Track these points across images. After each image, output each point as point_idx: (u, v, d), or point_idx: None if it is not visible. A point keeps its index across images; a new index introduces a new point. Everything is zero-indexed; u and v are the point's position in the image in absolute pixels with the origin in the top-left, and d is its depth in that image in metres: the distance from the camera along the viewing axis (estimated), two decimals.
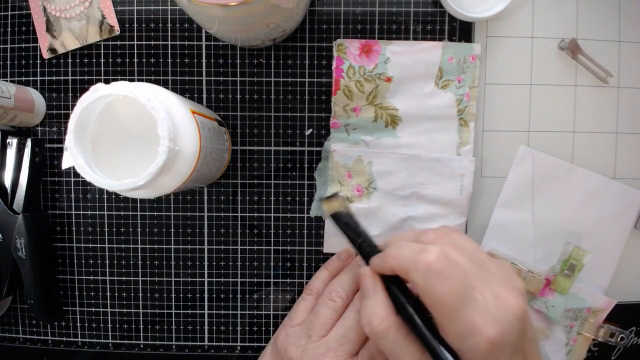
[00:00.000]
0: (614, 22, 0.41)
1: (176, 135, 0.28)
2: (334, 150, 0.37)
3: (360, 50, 0.36)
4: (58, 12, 0.41)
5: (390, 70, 0.37)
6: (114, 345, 0.43)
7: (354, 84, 0.36)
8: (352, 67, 0.36)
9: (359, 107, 0.37)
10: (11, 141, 0.40)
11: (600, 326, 0.41)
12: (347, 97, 0.36)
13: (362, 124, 0.37)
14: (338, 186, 0.36)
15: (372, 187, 0.37)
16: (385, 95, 0.37)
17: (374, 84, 0.36)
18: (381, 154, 0.37)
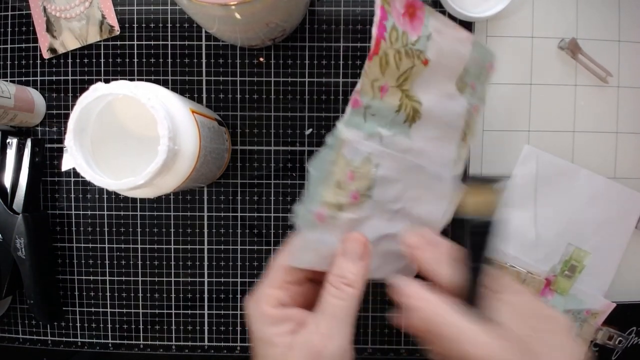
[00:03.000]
0: (614, 22, 0.41)
1: (176, 135, 0.28)
2: (346, 140, 0.26)
3: (405, 10, 0.27)
4: (58, 12, 0.41)
5: (430, 50, 0.28)
6: (114, 345, 0.43)
7: (393, 54, 0.26)
8: (396, 30, 0.26)
9: (387, 87, 0.27)
10: (11, 141, 0.40)
11: (599, 328, 0.41)
12: (381, 68, 0.26)
13: (383, 111, 0.28)
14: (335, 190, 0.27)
15: (368, 195, 0.28)
16: (416, 82, 0.29)
17: (411, 61, 0.27)
18: (392, 156, 0.29)
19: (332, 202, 0.26)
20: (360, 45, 0.41)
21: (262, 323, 0.25)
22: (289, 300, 0.26)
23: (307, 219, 0.26)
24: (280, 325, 0.25)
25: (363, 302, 0.42)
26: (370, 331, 0.43)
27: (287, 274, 0.26)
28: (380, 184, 0.29)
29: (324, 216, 0.26)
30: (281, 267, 0.26)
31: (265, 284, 0.26)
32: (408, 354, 0.43)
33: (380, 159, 0.29)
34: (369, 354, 0.43)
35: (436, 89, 0.30)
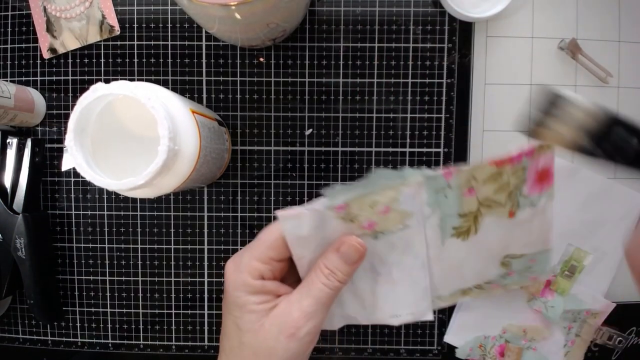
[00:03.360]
0: (614, 22, 0.41)
1: (176, 135, 0.28)
2: (414, 186, 0.27)
3: (540, 170, 0.27)
4: (58, 12, 0.41)
5: (523, 213, 0.28)
6: (114, 345, 0.43)
7: (503, 182, 0.27)
8: (523, 172, 0.26)
9: (474, 194, 0.27)
10: (11, 141, 0.40)
11: (599, 328, 0.41)
12: (486, 179, 0.27)
13: (452, 205, 0.28)
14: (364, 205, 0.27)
15: (375, 235, 0.29)
16: (491, 218, 0.29)
17: (504, 201, 0.27)
18: (420, 235, 0.29)
19: (353, 209, 0.27)
20: (360, 45, 0.41)
21: (241, 291, 0.27)
22: (269, 274, 0.28)
23: (332, 199, 0.27)
24: (258, 295, 0.27)
25: None
26: (370, 331, 0.43)
27: (274, 250, 0.27)
28: (390, 241, 0.29)
29: (340, 212, 0.27)
30: (270, 243, 0.27)
31: (251, 255, 0.27)
32: (408, 354, 0.43)
33: (413, 226, 0.29)
34: (369, 354, 0.43)
35: (493, 241, 0.30)
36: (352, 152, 0.42)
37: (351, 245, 0.27)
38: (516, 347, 0.42)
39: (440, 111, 0.41)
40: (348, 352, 0.43)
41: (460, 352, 0.42)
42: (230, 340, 0.28)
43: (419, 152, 0.42)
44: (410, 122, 0.42)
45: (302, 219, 0.27)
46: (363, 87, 0.41)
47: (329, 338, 0.43)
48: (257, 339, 0.27)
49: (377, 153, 0.42)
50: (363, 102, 0.41)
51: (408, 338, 0.43)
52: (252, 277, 0.27)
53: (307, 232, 0.27)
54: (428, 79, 0.41)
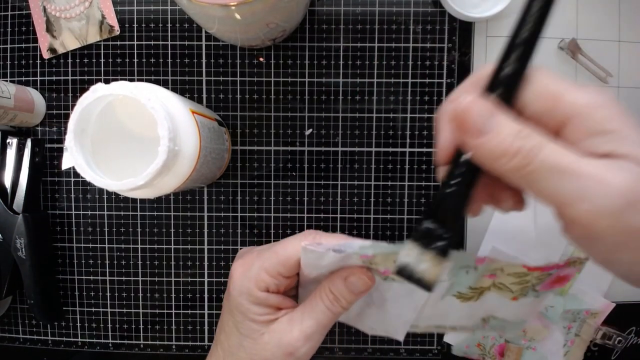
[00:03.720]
0: (614, 22, 0.41)
1: (176, 135, 0.28)
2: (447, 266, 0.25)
3: (561, 275, 0.28)
4: (58, 12, 0.41)
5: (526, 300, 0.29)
6: (114, 345, 0.43)
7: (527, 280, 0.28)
8: (548, 275, 0.27)
9: (494, 278, 0.28)
10: (11, 141, 0.40)
11: (599, 328, 0.41)
12: (513, 275, 0.27)
13: (468, 281, 0.28)
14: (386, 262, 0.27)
15: (392, 280, 0.29)
16: (491, 295, 0.30)
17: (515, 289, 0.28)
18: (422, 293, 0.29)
19: (377, 260, 0.27)
20: (360, 45, 0.41)
21: (245, 298, 0.28)
22: (274, 287, 0.28)
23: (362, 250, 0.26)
24: (260, 307, 0.28)
25: None
26: None
27: (285, 267, 0.27)
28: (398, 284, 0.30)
29: (366, 259, 0.27)
30: (283, 260, 0.27)
31: (261, 266, 0.28)
32: (408, 353, 0.43)
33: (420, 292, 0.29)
34: (369, 353, 0.43)
35: (485, 309, 0.31)
36: (352, 152, 0.42)
37: (360, 278, 0.27)
38: (516, 347, 0.42)
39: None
40: (348, 352, 0.43)
41: (456, 350, 0.42)
42: (229, 339, 0.29)
43: (419, 152, 0.42)
44: (410, 122, 0.42)
45: (323, 258, 0.27)
46: (363, 87, 0.41)
47: (329, 338, 0.43)
48: (255, 347, 0.27)
49: (377, 153, 0.42)
50: (363, 102, 0.41)
51: (408, 338, 0.43)
52: (258, 288, 0.27)
53: (326, 266, 0.27)
54: (428, 78, 0.41)
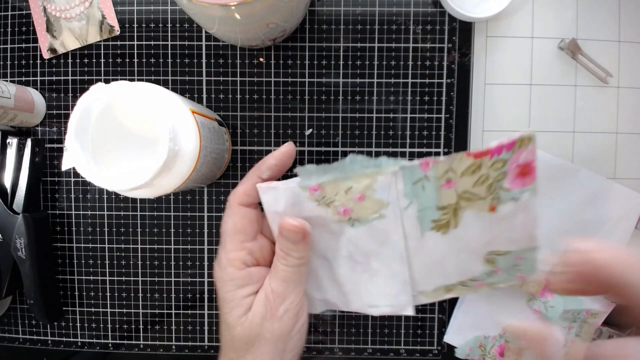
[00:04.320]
0: (614, 22, 0.41)
1: (176, 135, 0.28)
2: (390, 175, 0.27)
3: (522, 164, 0.26)
4: (58, 12, 0.41)
5: (504, 208, 0.27)
6: (114, 345, 0.43)
7: (482, 174, 0.26)
8: (503, 164, 0.26)
9: (452, 186, 0.27)
10: (11, 141, 0.40)
11: (599, 328, 0.41)
12: (465, 170, 0.26)
13: (430, 197, 0.28)
14: (339, 190, 0.27)
15: (351, 223, 0.29)
16: (471, 212, 0.28)
17: (484, 194, 0.27)
18: (397, 227, 0.29)
19: (328, 194, 0.27)
20: (360, 45, 0.41)
21: (230, 285, 0.28)
22: (249, 258, 0.29)
23: (305, 179, 0.27)
24: (245, 287, 0.29)
25: None
26: (370, 331, 0.43)
27: (238, 234, 0.29)
28: (367, 230, 0.29)
29: (315, 193, 0.27)
30: (230, 230, 0.29)
31: (224, 250, 0.29)
32: (408, 354, 0.43)
33: (389, 216, 0.29)
34: (369, 354, 0.43)
35: (474, 236, 0.29)
36: (352, 152, 0.42)
37: (287, 229, 0.28)
38: (516, 347, 0.42)
39: (440, 111, 0.41)
40: (348, 352, 0.43)
41: (460, 352, 0.42)
42: (224, 335, 0.30)
43: (419, 152, 0.42)
44: (410, 122, 0.42)
45: (277, 192, 0.28)
46: (363, 87, 0.41)
47: (329, 338, 0.43)
48: (244, 331, 0.28)
49: (377, 153, 0.42)
50: (363, 102, 0.41)
51: (408, 338, 0.43)
52: (236, 268, 0.28)
53: (283, 209, 0.28)
54: (428, 79, 0.41)
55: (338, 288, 0.32)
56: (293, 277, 0.29)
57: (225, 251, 0.29)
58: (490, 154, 0.26)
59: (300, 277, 0.29)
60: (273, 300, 0.28)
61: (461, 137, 0.42)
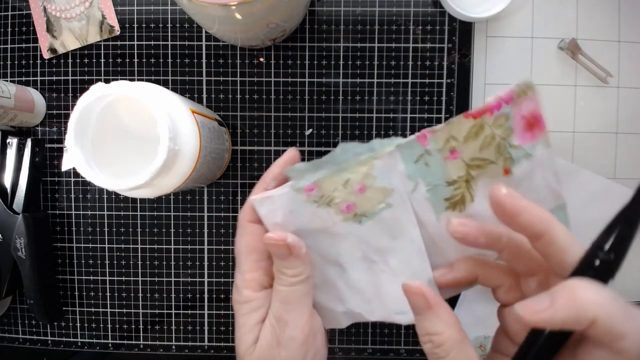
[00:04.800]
0: (614, 22, 0.41)
1: (176, 135, 0.28)
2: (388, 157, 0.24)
3: (527, 115, 0.24)
4: (58, 12, 0.41)
5: (519, 168, 0.24)
6: (114, 345, 0.43)
7: (488, 133, 0.24)
8: (507, 119, 0.23)
9: (458, 156, 0.24)
10: (11, 141, 0.40)
11: None
12: (467, 134, 0.24)
13: (437, 173, 0.25)
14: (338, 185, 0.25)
15: (358, 220, 0.26)
16: (484, 181, 0.25)
17: (495, 157, 0.24)
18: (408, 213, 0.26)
19: (326, 191, 0.25)
20: (360, 45, 0.41)
21: (245, 309, 0.26)
22: (266, 279, 0.27)
23: (298, 181, 0.24)
24: (260, 309, 0.26)
25: None
26: (370, 331, 0.43)
27: (251, 254, 0.26)
28: (377, 224, 0.26)
29: (311, 193, 0.25)
30: (243, 251, 0.26)
31: (239, 273, 0.27)
32: (408, 354, 0.43)
33: (397, 204, 0.26)
34: (369, 354, 0.43)
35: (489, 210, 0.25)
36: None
37: (268, 244, 0.25)
38: None
39: (440, 111, 0.41)
40: (348, 352, 0.43)
41: None
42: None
43: None
44: (410, 122, 0.42)
45: (273, 201, 0.25)
46: (363, 87, 0.41)
47: (329, 338, 0.43)
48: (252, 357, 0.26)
49: None
50: (363, 102, 0.41)
51: (408, 338, 0.43)
52: (252, 289, 0.26)
53: (282, 218, 0.25)
54: (428, 79, 0.41)
55: (359, 296, 0.28)
56: (291, 298, 0.26)
57: (240, 272, 0.27)
58: (490, 110, 0.23)
59: (300, 297, 0.26)
60: (277, 325, 0.25)
61: None
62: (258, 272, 0.26)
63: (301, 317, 0.26)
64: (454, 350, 0.21)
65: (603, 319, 0.17)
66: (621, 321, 0.18)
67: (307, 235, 0.26)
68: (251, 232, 0.26)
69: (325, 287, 0.29)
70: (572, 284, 0.19)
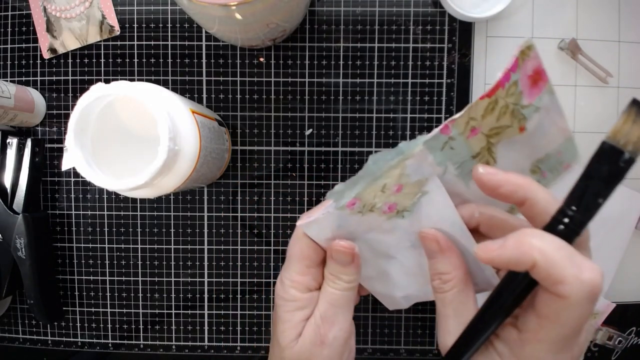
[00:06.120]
0: (613, 22, 0.41)
1: (176, 135, 0.28)
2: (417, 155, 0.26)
3: (532, 73, 0.26)
4: (58, 12, 0.41)
5: (531, 121, 0.27)
6: (114, 345, 0.43)
7: (502, 105, 0.26)
8: (516, 85, 0.25)
9: (478, 131, 0.26)
10: (11, 141, 0.40)
11: (599, 329, 0.41)
12: (484, 112, 0.26)
13: (462, 151, 0.27)
14: (376, 192, 0.26)
15: (402, 215, 0.28)
16: (503, 142, 0.27)
17: (511, 121, 0.26)
18: (443, 194, 0.27)
19: (367, 200, 0.26)
20: (360, 45, 0.41)
21: (290, 306, 0.28)
22: (313, 283, 0.29)
23: (340, 201, 0.26)
24: (304, 309, 0.28)
25: (363, 303, 0.42)
26: (370, 331, 0.43)
27: (305, 259, 0.28)
28: (417, 214, 0.28)
29: (354, 207, 0.26)
30: (298, 255, 0.28)
31: (288, 273, 0.28)
32: (408, 354, 0.43)
33: (432, 189, 0.27)
34: (369, 354, 0.43)
35: (515, 159, 0.29)
36: (352, 152, 0.42)
37: (337, 251, 0.27)
38: None
39: (440, 111, 0.41)
40: None
41: None
42: (273, 353, 0.29)
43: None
44: (410, 122, 0.42)
45: (319, 222, 0.27)
46: (363, 87, 0.41)
47: None
48: (293, 355, 0.28)
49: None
50: (363, 102, 0.41)
51: (408, 338, 0.43)
52: (299, 290, 0.28)
53: (332, 234, 0.28)
54: (428, 79, 0.41)
55: (414, 280, 0.31)
56: (341, 301, 0.28)
57: (289, 272, 0.29)
58: (501, 84, 0.24)
59: (348, 302, 0.29)
60: (322, 325, 0.28)
61: None
62: (307, 276, 0.28)
63: (346, 320, 0.28)
64: (457, 287, 0.25)
65: (542, 262, 0.19)
66: (561, 267, 0.19)
67: (356, 238, 0.28)
68: (307, 242, 0.28)
69: (382, 278, 0.31)
70: (524, 231, 0.20)
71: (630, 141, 0.21)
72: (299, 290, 0.28)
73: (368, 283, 0.31)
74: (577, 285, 0.19)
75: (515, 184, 0.23)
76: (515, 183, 0.23)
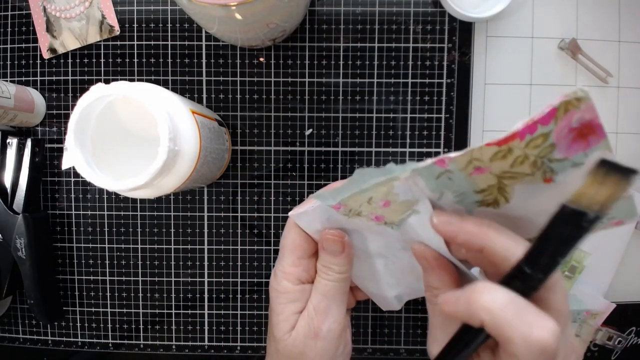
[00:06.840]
0: (614, 22, 0.41)
1: (176, 135, 0.28)
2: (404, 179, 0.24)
3: (578, 126, 0.21)
4: (58, 12, 0.41)
5: (565, 176, 0.22)
6: (114, 345, 0.43)
7: (518, 154, 0.22)
8: (546, 139, 0.21)
9: (485, 171, 0.23)
10: (11, 141, 0.40)
11: (599, 329, 0.41)
12: (492, 157, 0.22)
13: (462, 184, 0.24)
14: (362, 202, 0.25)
15: (394, 225, 0.27)
16: (522, 187, 0.24)
17: (531, 171, 0.22)
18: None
19: (353, 207, 0.26)
20: (360, 45, 0.41)
21: (283, 298, 0.28)
22: (305, 275, 0.29)
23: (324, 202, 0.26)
24: (296, 302, 0.28)
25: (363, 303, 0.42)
26: (370, 331, 0.43)
27: (297, 250, 0.28)
28: (406, 227, 0.27)
29: (339, 210, 0.26)
30: (290, 246, 0.29)
31: (281, 265, 0.29)
32: (408, 354, 0.43)
33: (423, 210, 0.26)
34: (369, 354, 0.43)
35: (537, 204, 0.24)
36: (352, 152, 0.42)
37: (328, 240, 0.28)
38: None
39: (440, 111, 0.41)
40: None
41: None
42: (270, 346, 0.30)
43: (419, 152, 0.42)
44: (410, 122, 0.42)
45: (309, 214, 0.27)
46: (363, 87, 0.41)
47: None
48: (287, 347, 0.28)
49: (377, 153, 0.42)
50: (363, 102, 0.41)
51: (408, 338, 0.43)
52: (291, 282, 0.28)
53: (322, 225, 0.28)
54: (428, 79, 0.41)
55: (405, 281, 0.31)
56: (334, 293, 0.28)
57: (282, 264, 0.29)
58: (520, 136, 0.21)
59: (341, 293, 0.29)
60: (315, 317, 0.28)
61: (461, 137, 0.42)
62: (299, 267, 0.28)
63: (339, 312, 0.28)
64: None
65: (489, 323, 0.19)
66: (508, 326, 0.18)
67: (349, 233, 0.28)
68: (298, 232, 0.29)
69: (374, 277, 0.31)
70: (475, 287, 0.20)
71: (597, 202, 0.19)
72: (291, 282, 0.28)
73: (361, 282, 0.31)
74: (523, 346, 0.18)
75: (469, 233, 0.22)
76: (469, 232, 0.22)
